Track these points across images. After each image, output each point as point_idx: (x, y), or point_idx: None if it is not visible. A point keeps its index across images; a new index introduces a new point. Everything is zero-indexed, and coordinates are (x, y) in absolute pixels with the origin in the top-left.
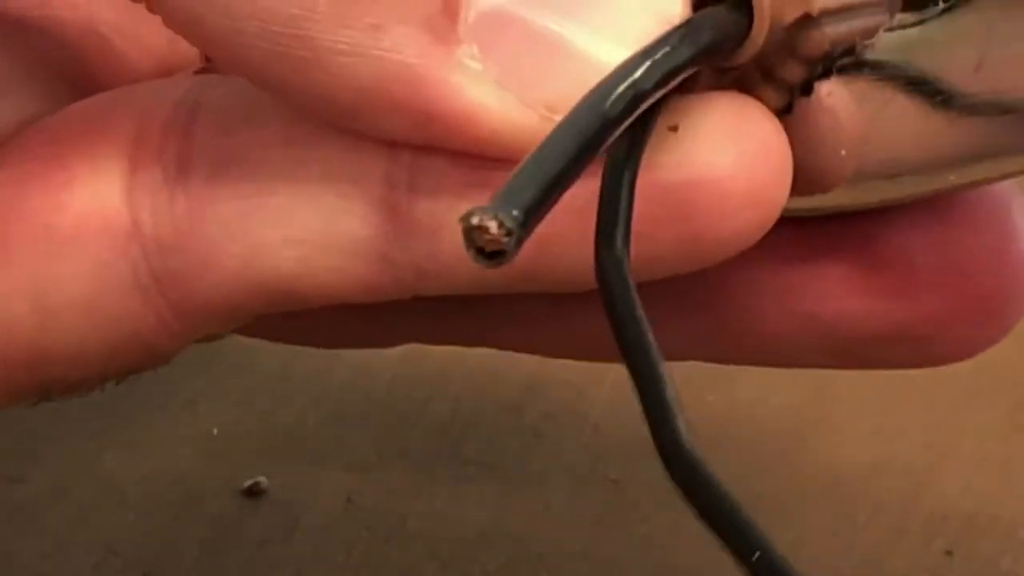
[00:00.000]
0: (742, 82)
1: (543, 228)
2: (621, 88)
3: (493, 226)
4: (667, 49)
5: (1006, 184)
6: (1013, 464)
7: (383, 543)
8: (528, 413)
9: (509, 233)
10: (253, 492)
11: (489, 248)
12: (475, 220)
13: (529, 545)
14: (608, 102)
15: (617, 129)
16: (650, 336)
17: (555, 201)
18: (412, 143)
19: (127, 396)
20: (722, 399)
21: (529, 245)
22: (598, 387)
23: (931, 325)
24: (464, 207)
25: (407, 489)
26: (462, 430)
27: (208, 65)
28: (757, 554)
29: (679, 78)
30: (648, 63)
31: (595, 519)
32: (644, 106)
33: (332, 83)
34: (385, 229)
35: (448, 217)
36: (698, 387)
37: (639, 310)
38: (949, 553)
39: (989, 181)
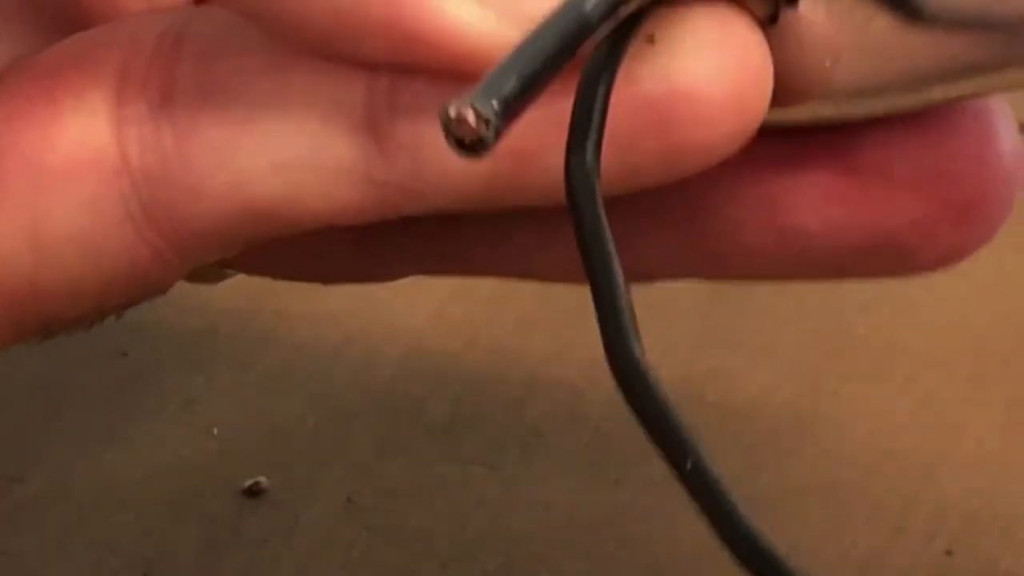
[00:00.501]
0: None
1: (523, 141)
2: None
3: (471, 116)
4: None
5: (997, 104)
6: (1012, 463)
7: (383, 543)
8: (528, 413)
9: (487, 122)
10: (253, 492)
11: (468, 138)
12: (453, 111)
13: (529, 545)
14: (587, 4)
15: (595, 30)
16: (612, 247)
17: (534, 96)
18: (392, 65)
19: (127, 396)
20: (722, 399)
21: (509, 158)
22: (598, 387)
23: (913, 232)
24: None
25: (407, 489)
26: (462, 430)
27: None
28: (690, 464)
29: None
30: None
31: (595, 519)
32: (623, 10)
33: (308, 5)
34: (368, 150)
35: (428, 135)
36: (698, 387)
37: (603, 219)
38: (949, 553)
39: (975, 96)
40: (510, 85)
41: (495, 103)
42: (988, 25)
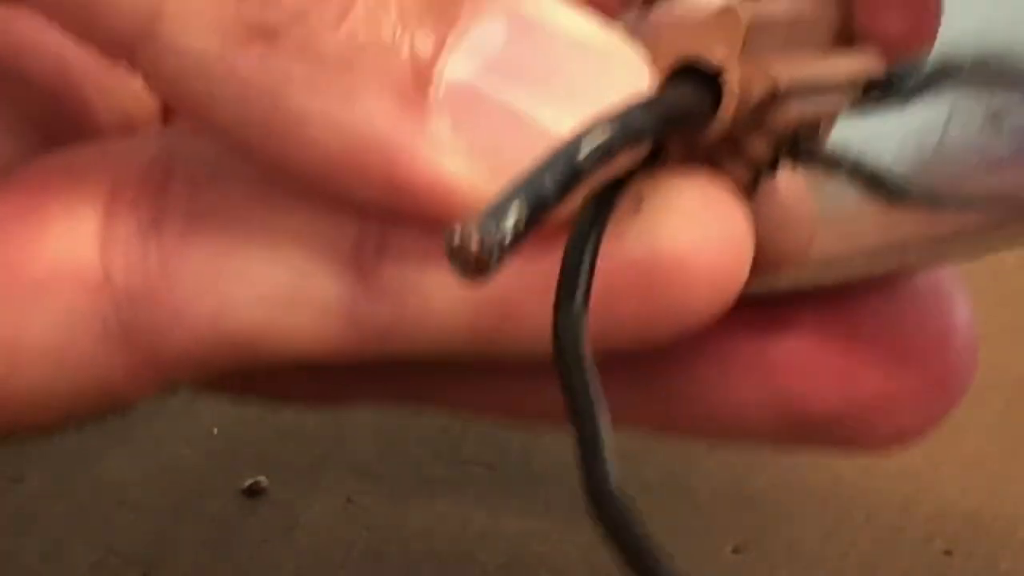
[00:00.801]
0: (711, 158)
1: (507, 292)
2: (588, 141)
3: (475, 240)
4: (630, 117)
5: (951, 271)
6: (1012, 464)
7: (383, 543)
8: None
9: (491, 247)
10: (253, 492)
11: (472, 263)
12: (457, 235)
13: (529, 545)
14: (580, 153)
15: (586, 178)
16: (599, 400)
17: (531, 230)
18: (383, 211)
19: None
20: None
21: (493, 308)
22: None
23: (872, 406)
24: (432, 273)
25: (407, 489)
26: (462, 430)
27: (172, 120)
28: None
29: (640, 146)
30: (614, 125)
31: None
32: (613, 164)
33: (303, 150)
34: (353, 290)
35: (416, 280)
36: None
37: (591, 375)
38: (948, 553)
39: (948, 262)
40: (512, 214)
41: (498, 228)
42: (966, 204)
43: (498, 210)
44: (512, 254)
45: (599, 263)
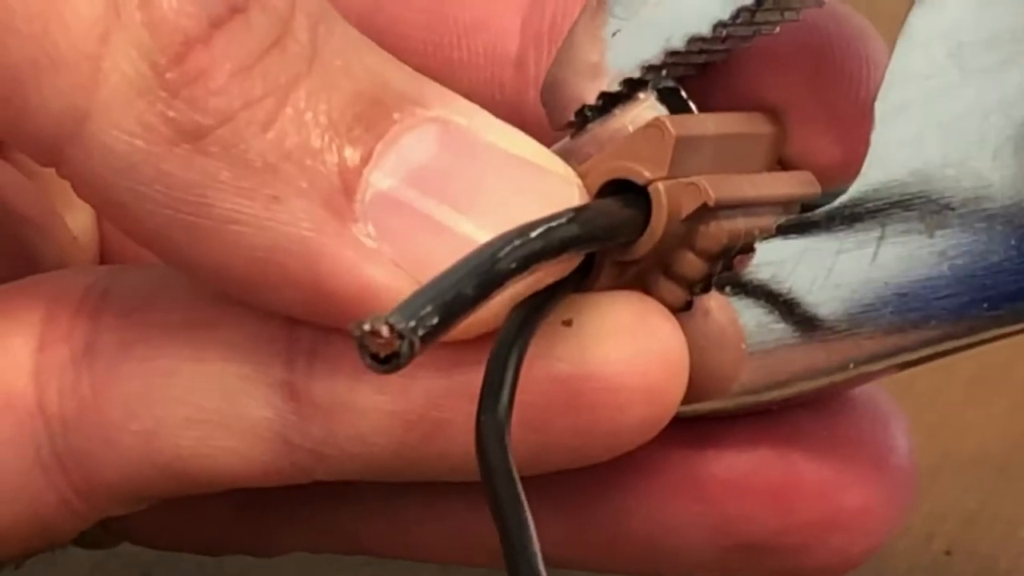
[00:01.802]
0: (643, 278)
1: (433, 411)
2: (508, 248)
3: (385, 329)
4: (553, 227)
5: (885, 397)
6: (1013, 464)
7: None
8: None
9: (401, 336)
10: None
11: (383, 352)
12: (367, 324)
13: None
14: (500, 258)
15: (504, 282)
16: (523, 499)
17: (446, 327)
18: (309, 320)
19: None
20: None
21: (421, 426)
22: None
23: (810, 528)
24: (360, 389)
25: None
26: None
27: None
28: None
29: (565, 256)
30: (536, 234)
31: None
32: (528, 275)
33: (228, 252)
34: (284, 411)
35: (345, 398)
36: None
37: (515, 473)
38: (948, 553)
39: (867, 379)
40: (425, 309)
41: (410, 319)
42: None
43: (411, 304)
44: (423, 350)
45: (528, 380)
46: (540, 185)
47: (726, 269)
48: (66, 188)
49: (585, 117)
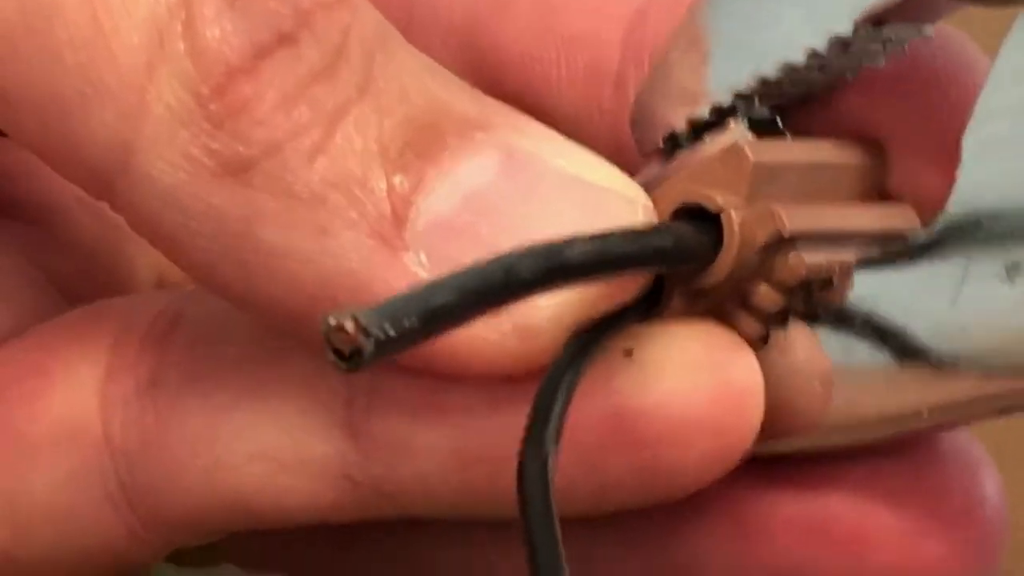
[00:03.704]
0: (718, 309)
1: (496, 450)
2: (534, 255)
3: (349, 325)
4: (604, 239)
5: (975, 444)
6: (1013, 464)
7: None
8: None
9: (367, 334)
10: None
11: (346, 348)
12: (332, 319)
13: None
14: (516, 260)
15: (519, 293)
16: (559, 543)
17: (432, 330)
18: None
19: None
20: None
21: (484, 465)
22: None
23: None
24: (421, 428)
25: None
26: None
27: None
28: None
29: (610, 272)
30: (576, 243)
31: None
32: (558, 284)
33: (277, 287)
34: (345, 449)
35: (405, 437)
36: None
37: (553, 513)
38: None
39: (961, 423)
40: (405, 310)
41: (378, 318)
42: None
43: (392, 304)
44: (394, 354)
45: (585, 414)
46: (604, 207)
47: (807, 302)
48: None
49: (674, 144)
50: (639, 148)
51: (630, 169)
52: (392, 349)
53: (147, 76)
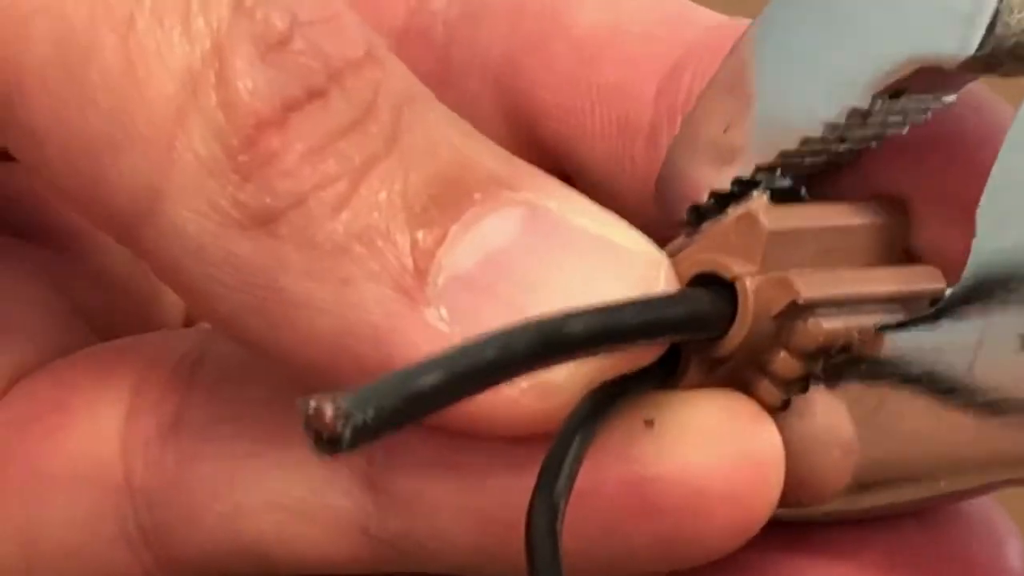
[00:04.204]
0: (738, 375)
1: (510, 511)
2: (531, 331)
3: (328, 411)
4: (607, 312)
5: (1001, 515)
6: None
7: None
8: None
9: (346, 420)
10: None
11: (324, 434)
12: (313, 402)
13: None
14: (512, 337)
15: (514, 371)
16: None
17: (412, 415)
18: None
19: None
20: None
21: (499, 525)
22: None
23: None
24: (439, 484)
25: None
26: None
27: None
28: None
29: (614, 345)
30: (577, 317)
31: None
32: (558, 360)
33: (299, 337)
34: (364, 502)
35: (421, 494)
36: None
37: (560, 566)
38: None
39: (985, 490)
40: (385, 395)
41: (364, 405)
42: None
43: (374, 388)
44: (375, 439)
45: (604, 482)
46: (628, 269)
47: (830, 367)
48: None
49: (699, 216)
50: (663, 217)
51: (659, 225)
52: (372, 435)
53: (178, 124)
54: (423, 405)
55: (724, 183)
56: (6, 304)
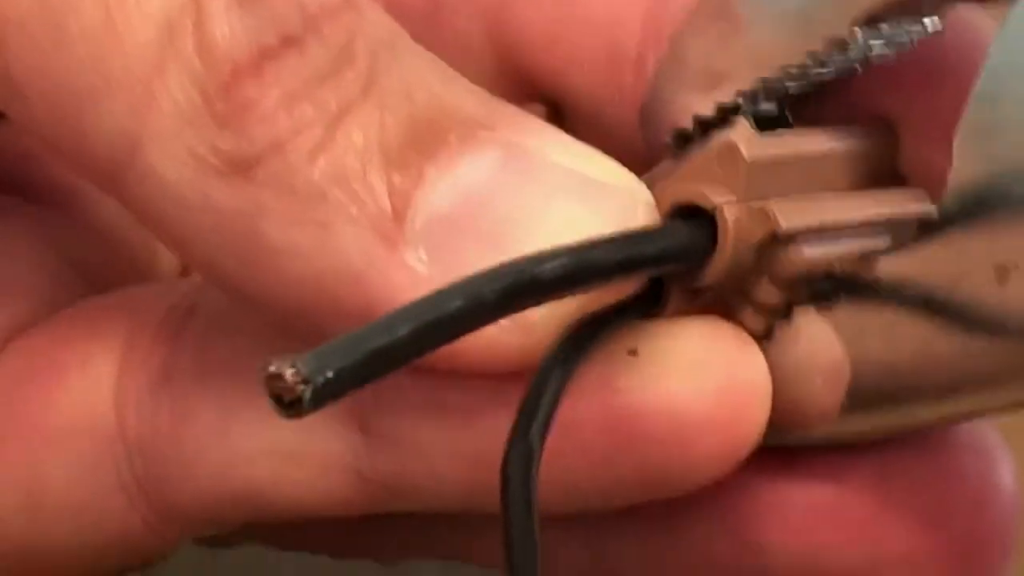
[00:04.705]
0: (722, 303)
1: (499, 449)
2: (500, 277)
3: (288, 374)
4: (579, 252)
5: (992, 434)
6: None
7: None
8: None
9: (306, 382)
10: None
11: (285, 397)
12: (273, 366)
13: None
14: (480, 284)
15: (484, 318)
16: (536, 547)
17: (375, 372)
18: None
19: None
20: None
21: (490, 467)
22: None
23: (898, 566)
24: (427, 427)
25: None
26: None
27: None
28: None
29: (590, 284)
30: (548, 258)
31: None
32: (530, 304)
33: (279, 282)
34: (355, 444)
35: (412, 434)
36: None
37: (533, 509)
38: None
39: (974, 415)
40: (346, 353)
41: (324, 366)
42: None
43: (334, 347)
44: (336, 398)
45: (588, 414)
46: (605, 203)
47: (815, 292)
48: None
49: (682, 141)
50: (648, 144)
51: (647, 152)
52: (333, 395)
53: (156, 71)
54: (387, 361)
55: (709, 108)
56: (0, 263)
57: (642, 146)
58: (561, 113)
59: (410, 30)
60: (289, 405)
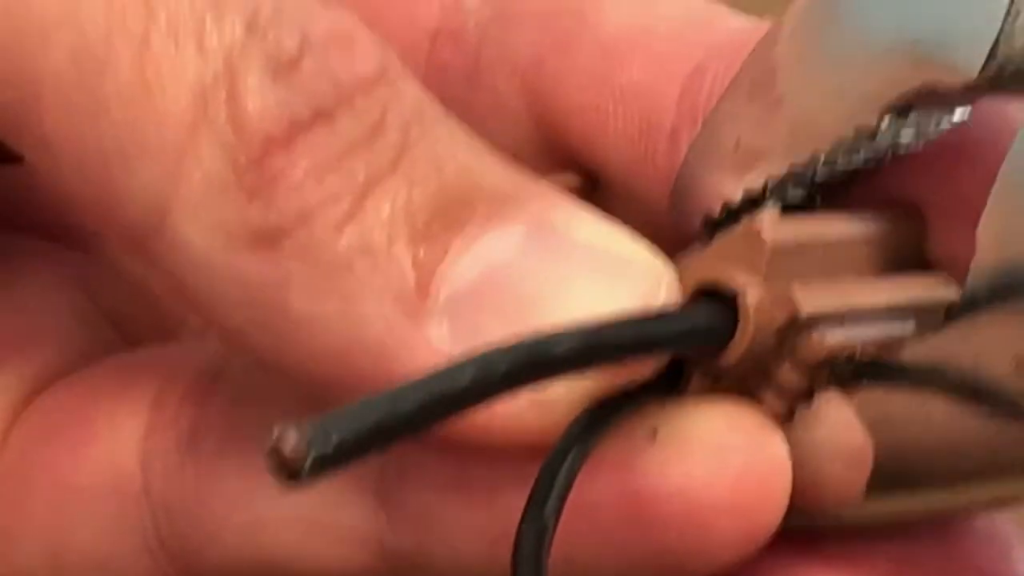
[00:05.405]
0: (743, 385)
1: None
2: (515, 352)
3: (290, 442)
4: (595, 331)
5: (1010, 525)
6: None
7: None
8: None
9: (307, 449)
10: None
11: (285, 466)
12: (275, 432)
13: None
14: (494, 359)
15: (496, 392)
16: None
17: (380, 443)
18: None
19: None
20: None
21: (509, 544)
22: None
23: None
24: (450, 502)
25: None
26: None
27: None
28: None
29: (604, 363)
30: (564, 336)
31: None
32: (544, 380)
33: (302, 351)
34: (379, 517)
35: (435, 510)
36: None
37: None
38: None
39: (997, 504)
40: (350, 424)
41: (327, 436)
42: None
43: (333, 420)
44: (338, 469)
45: (607, 495)
46: (627, 283)
47: (839, 375)
48: None
49: (712, 228)
50: (679, 228)
51: (674, 231)
52: (334, 465)
53: (189, 139)
54: (393, 433)
55: (739, 189)
56: (34, 310)
57: (672, 222)
58: (596, 181)
59: (450, 90)
60: (288, 476)
